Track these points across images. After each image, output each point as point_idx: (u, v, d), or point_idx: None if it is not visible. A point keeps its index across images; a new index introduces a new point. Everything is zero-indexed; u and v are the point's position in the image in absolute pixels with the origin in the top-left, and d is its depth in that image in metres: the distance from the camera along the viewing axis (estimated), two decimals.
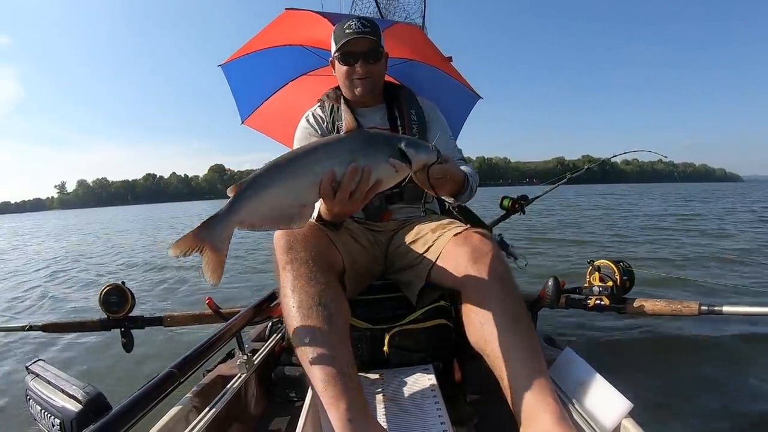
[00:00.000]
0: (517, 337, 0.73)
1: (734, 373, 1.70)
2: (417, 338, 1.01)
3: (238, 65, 1.99)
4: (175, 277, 4.75)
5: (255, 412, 1.09)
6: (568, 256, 4.63)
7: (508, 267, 0.84)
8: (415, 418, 0.79)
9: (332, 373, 0.69)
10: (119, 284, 1.40)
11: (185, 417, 0.89)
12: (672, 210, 10.96)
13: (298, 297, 0.77)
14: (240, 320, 0.98)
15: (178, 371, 0.66)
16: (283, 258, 0.83)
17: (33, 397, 0.65)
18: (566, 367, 0.90)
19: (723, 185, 71.56)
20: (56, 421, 0.59)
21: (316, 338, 0.72)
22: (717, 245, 5.01)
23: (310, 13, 1.67)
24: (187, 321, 1.53)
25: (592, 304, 0.99)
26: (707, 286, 3.06)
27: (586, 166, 2.04)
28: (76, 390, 0.58)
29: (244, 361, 1.03)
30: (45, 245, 10.64)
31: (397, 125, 1.18)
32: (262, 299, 1.13)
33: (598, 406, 0.76)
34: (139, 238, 11.00)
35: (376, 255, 1.09)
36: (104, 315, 1.40)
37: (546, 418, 0.64)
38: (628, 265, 1.02)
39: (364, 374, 0.99)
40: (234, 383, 0.98)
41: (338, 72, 1.16)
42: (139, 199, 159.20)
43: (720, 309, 0.87)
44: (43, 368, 0.68)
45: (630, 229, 7.20)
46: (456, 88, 2.12)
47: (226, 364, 1.21)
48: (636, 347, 2.00)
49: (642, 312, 0.99)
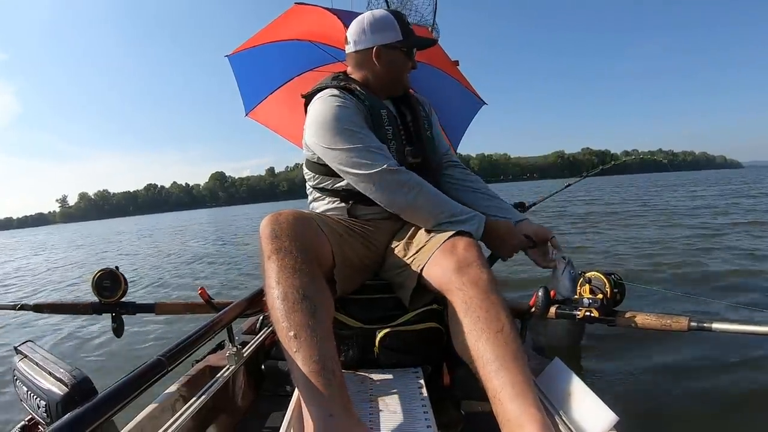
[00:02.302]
0: (500, 347, 0.73)
1: (724, 387, 1.71)
2: (408, 340, 1.01)
3: (244, 57, 1.99)
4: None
5: (242, 404, 1.09)
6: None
7: (492, 276, 0.84)
8: (401, 419, 0.79)
9: (315, 368, 0.69)
10: (113, 269, 1.39)
11: (172, 406, 0.89)
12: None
13: (282, 289, 0.77)
14: (231, 312, 0.98)
15: (166, 360, 0.66)
16: (268, 247, 0.82)
17: (20, 378, 0.65)
18: (554, 378, 0.90)
19: (725, 172, 70.77)
20: (42, 403, 0.59)
21: (300, 332, 0.72)
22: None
23: (319, 8, 1.67)
24: (179, 309, 1.53)
25: (581, 315, 1.00)
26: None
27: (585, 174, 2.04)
28: (63, 373, 0.58)
29: (233, 352, 1.02)
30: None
31: (407, 120, 1.17)
32: (255, 292, 1.13)
33: (584, 418, 0.76)
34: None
35: (372, 253, 1.08)
36: (96, 299, 1.40)
37: (530, 428, 0.64)
38: (619, 278, 1.02)
39: (353, 373, 0.99)
40: (222, 374, 0.98)
41: (395, 63, 1.15)
42: (141, 209, 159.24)
43: (710, 326, 0.87)
44: (32, 349, 0.67)
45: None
46: (462, 92, 2.12)
47: (216, 355, 1.21)
48: (625, 359, 2.01)
49: (631, 325, 0.99)
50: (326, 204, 1.14)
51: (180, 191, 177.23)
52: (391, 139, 1.10)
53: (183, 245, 10.09)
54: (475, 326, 0.77)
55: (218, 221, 22.66)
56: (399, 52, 1.15)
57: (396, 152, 1.09)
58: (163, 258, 7.64)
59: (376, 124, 1.08)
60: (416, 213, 1.00)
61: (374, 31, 1.13)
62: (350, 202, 1.10)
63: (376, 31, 1.13)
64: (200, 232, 14.88)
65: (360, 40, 1.14)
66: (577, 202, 12.15)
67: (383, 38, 1.13)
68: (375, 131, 1.06)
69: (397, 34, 1.13)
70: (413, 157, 1.12)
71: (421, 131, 1.17)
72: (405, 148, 1.13)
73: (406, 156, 1.12)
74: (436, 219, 0.98)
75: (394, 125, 1.12)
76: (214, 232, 14.22)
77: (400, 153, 1.10)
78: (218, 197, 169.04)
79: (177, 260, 7.06)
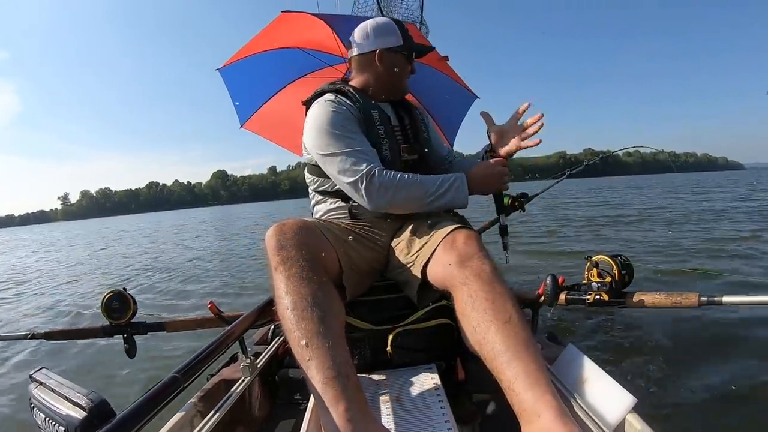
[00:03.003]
0: (511, 337, 0.73)
1: (738, 366, 1.71)
2: (419, 338, 1.01)
3: (235, 69, 1.99)
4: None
5: (259, 415, 1.09)
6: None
7: (495, 267, 0.84)
8: (419, 417, 0.79)
9: (330, 374, 0.69)
10: (121, 290, 1.40)
11: (189, 422, 0.89)
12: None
13: (291, 299, 0.77)
14: (242, 324, 0.99)
15: (181, 376, 0.66)
16: (275, 258, 0.83)
17: (37, 405, 0.65)
18: (569, 364, 0.90)
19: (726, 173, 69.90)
20: (61, 429, 0.59)
21: (312, 340, 0.72)
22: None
23: (306, 15, 1.67)
24: (189, 326, 1.53)
25: (591, 300, 0.99)
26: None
27: (584, 162, 2.04)
28: (79, 397, 0.58)
29: (247, 364, 1.03)
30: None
31: (405, 123, 1.22)
32: (265, 302, 1.13)
33: (601, 402, 0.76)
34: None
35: (377, 254, 1.09)
36: (106, 322, 1.40)
37: (546, 415, 0.64)
38: (626, 259, 1.02)
39: (368, 375, 0.99)
40: (237, 387, 0.98)
41: (396, 65, 1.19)
42: (143, 207, 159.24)
43: (720, 299, 0.86)
44: (46, 376, 0.68)
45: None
46: (453, 88, 2.12)
47: (230, 367, 1.21)
48: (639, 342, 2.00)
49: (641, 305, 0.99)
50: (328, 205, 1.17)
51: (182, 189, 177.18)
52: (384, 138, 1.13)
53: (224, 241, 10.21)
54: (483, 319, 0.77)
55: (222, 218, 22.52)
56: (400, 55, 1.20)
57: (390, 150, 1.12)
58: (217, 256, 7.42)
59: (368, 124, 1.12)
60: (402, 207, 1.04)
61: (377, 36, 1.18)
62: (351, 202, 1.12)
63: (379, 35, 1.18)
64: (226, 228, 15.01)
65: (363, 43, 1.19)
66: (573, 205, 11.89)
67: (385, 42, 1.18)
68: (367, 131, 1.10)
69: (398, 39, 1.19)
70: (409, 154, 1.17)
71: (419, 132, 1.22)
72: (400, 146, 1.16)
73: (402, 153, 1.16)
74: (423, 203, 1.02)
75: (386, 125, 1.15)
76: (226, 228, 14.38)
77: (394, 151, 1.14)
78: (220, 196, 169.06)
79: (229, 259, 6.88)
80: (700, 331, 2.03)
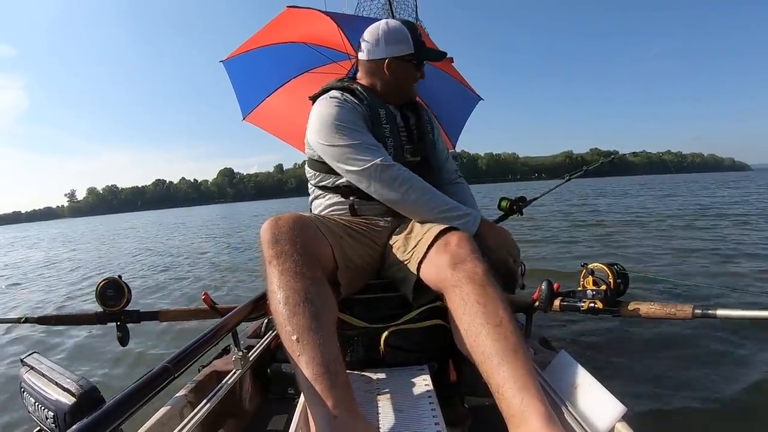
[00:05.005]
0: (500, 341, 0.73)
1: (730, 377, 1.71)
2: (413, 338, 1.01)
3: (239, 62, 1.99)
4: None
5: (250, 408, 1.09)
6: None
7: (487, 270, 0.84)
8: (409, 418, 0.79)
9: (319, 370, 0.69)
10: (116, 278, 1.40)
11: (179, 412, 0.89)
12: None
13: (284, 293, 0.77)
14: (236, 316, 0.98)
15: (172, 366, 0.66)
16: (269, 252, 0.83)
17: (27, 390, 0.65)
18: (561, 370, 0.90)
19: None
20: (50, 414, 0.59)
21: (303, 335, 0.72)
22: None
23: (313, 11, 1.67)
24: (183, 316, 1.53)
25: (585, 307, 0.99)
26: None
27: (584, 168, 2.03)
28: (70, 383, 0.58)
29: (239, 357, 1.03)
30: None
31: (410, 123, 1.21)
32: (259, 295, 1.13)
33: (591, 409, 0.76)
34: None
35: (374, 252, 1.09)
36: (100, 308, 1.40)
37: (534, 420, 0.64)
38: (622, 268, 1.02)
39: (359, 373, 0.99)
40: (229, 379, 0.98)
41: (405, 74, 1.18)
42: (149, 204, 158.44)
43: (714, 312, 0.86)
44: (38, 361, 0.67)
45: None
46: (458, 89, 2.12)
47: (222, 359, 1.21)
48: (632, 351, 2.01)
49: (636, 315, 0.99)
50: (328, 201, 1.16)
51: (188, 187, 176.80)
52: (389, 137, 1.12)
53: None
54: (474, 321, 0.77)
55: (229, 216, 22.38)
56: (410, 64, 1.18)
57: (394, 150, 1.12)
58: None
59: (374, 122, 1.11)
60: (410, 207, 1.03)
61: (388, 43, 1.16)
62: (351, 198, 1.12)
63: (390, 42, 1.16)
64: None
65: (373, 50, 1.17)
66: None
67: (396, 50, 1.16)
68: (373, 129, 1.10)
69: (409, 46, 1.16)
70: (412, 155, 1.16)
71: (425, 134, 1.21)
72: (404, 147, 1.16)
73: (405, 154, 1.15)
74: (430, 213, 1.01)
75: (393, 124, 1.15)
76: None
77: (398, 151, 1.13)
78: (226, 193, 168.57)
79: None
80: (693, 342, 2.03)
